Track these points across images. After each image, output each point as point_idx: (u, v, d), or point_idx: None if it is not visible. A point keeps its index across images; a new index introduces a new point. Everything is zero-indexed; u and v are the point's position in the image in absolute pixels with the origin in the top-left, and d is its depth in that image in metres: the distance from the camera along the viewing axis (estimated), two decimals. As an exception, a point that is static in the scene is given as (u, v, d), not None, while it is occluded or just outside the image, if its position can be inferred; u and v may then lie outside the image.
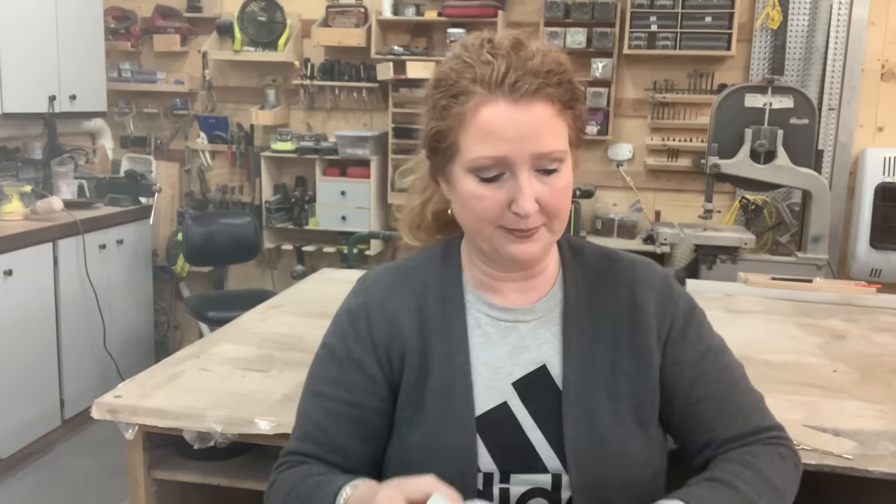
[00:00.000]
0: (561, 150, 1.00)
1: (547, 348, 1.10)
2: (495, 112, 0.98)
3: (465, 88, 0.99)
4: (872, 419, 1.54)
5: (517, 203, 0.98)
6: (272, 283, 4.53)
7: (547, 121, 0.99)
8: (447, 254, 1.16)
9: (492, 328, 1.11)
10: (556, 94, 0.99)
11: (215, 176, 4.60)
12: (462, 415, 1.05)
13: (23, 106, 3.68)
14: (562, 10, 3.87)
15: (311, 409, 1.12)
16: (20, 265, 3.30)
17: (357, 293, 1.16)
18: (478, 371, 1.08)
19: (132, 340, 4.10)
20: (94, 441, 3.58)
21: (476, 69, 0.99)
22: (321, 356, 1.15)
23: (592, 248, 1.19)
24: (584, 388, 1.07)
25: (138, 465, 1.62)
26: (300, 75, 4.28)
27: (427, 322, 1.10)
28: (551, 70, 0.99)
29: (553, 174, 1.00)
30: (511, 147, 0.97)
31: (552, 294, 1.13)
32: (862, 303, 2.44)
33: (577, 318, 1.11)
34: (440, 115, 1.02)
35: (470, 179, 1.01)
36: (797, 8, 3.80)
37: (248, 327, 2.08)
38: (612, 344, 1.10)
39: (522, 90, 0.97)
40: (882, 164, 3.73)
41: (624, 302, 1.12)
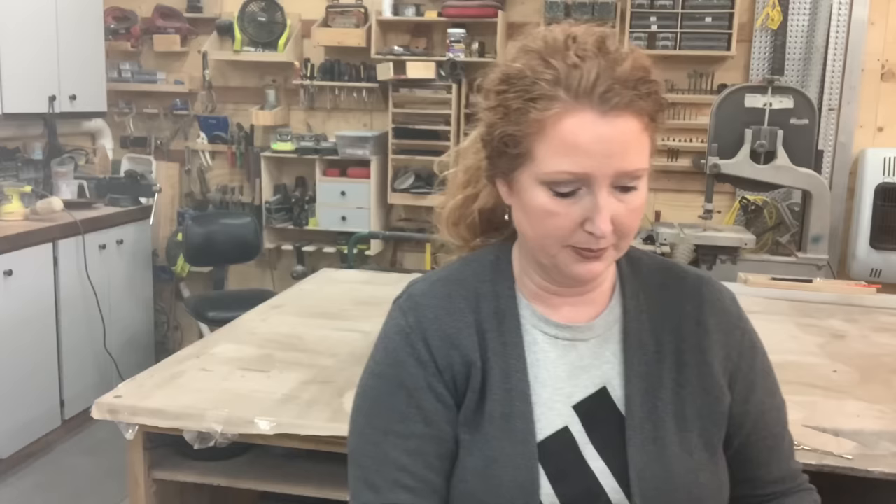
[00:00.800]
0: (644, 168, 0.91)
1: (607, 368, 1.01)
2: (581, 124, 0.87)
3: (547, 93, 0.88)
4: (872, 419, 1.54)
5: (593, 223, 0.90)
6: (272, 284, 4.53)
7: (634, 136, 0.89)
8: (498, 263, 1.05)
9: (549, 346, 1.01)
10: (646, 107, 0.90)
11: (215, 176, 4.60)
12: (522, 441, 0.96)
13: (23, 106, 3.68)
14: (562, 10, 3.87)
15: (388, 452, 0.97)
16: (20, 265, 3.30)
17: (406, 311, 1.03)
18: (536, 393, 0.99)
19: (132, 340, 4.10)
20: (94, 441, 3.58)
21: (560, 71, 0.88)
22: (376, 388, 1.02)
23: (651, 259, 1.09)
24: (648, 412, 0.98)
25: (138, 465, 1.62)
26: (300, 75, 4.27)
27: (484, 337, 1.00)
28: (641, 78, 0.89)
29: (631, 192, 0.91)
30: (595, 164, 0.88)
31: (610, 309, 1.03)
32: (862, 303, 2.44)
33: (638, 335, 1.02)
34: (514, 118, 0.91)
35: (542, 192, 0.91)
36: (797, 8, 3.80)
37: (248, 327, 2.08)
38: (676, 364, 1.01)
39: (612, 102, 0.87)
40: (882, 164, 3.73)
41: (689, 319, 1.03)
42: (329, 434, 1.48)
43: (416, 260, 4.41)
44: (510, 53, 0.95)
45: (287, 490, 1.64)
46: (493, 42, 4.03)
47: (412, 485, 0.96)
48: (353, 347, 1.94)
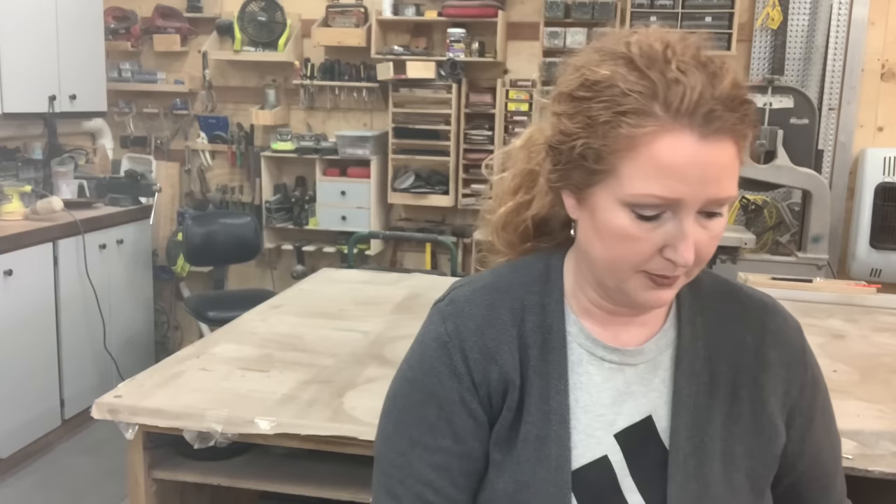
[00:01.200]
0: (733, 194, 0.84)
1: (654, 396, 0.94)
2: (678, 146, 0.79)
3: (642, 108, 0.80)
4: (872, 419, 1.54)
5: (675, 250, 0.83)
6: (272, 283, 4.53)
7: (730, 161, 0.82)
8: (548, 273, 0.98)
9: (594, 368, 0.94)
10: (745, 132, 0.82)
11: (215, 176, 4.60)
12: (556, 468, 0.90)
13: (23, 106, 3.68)
14: (562, 10, 3.87)
15: (414, 465, 0.93)
16: (20, 265, 3.30)
17: (446, 318, 0.96)
18: (576, 417, 0.92)
19: (132, 340, 4.10)
20: (94, 441, 3.58)
21: (658, 85, 0.80)
22: (408, 395, 0.96)
23: (713, 280, 1.01)
24: (694, 447, 0.91)
25: (138, 465, 1.62)
26: (300, 75, 4.27)
27: (526, 353, 0.93)
28: (742, 99, 0.81)
29: (715, 218, 0.85)
30: (688, 190, 0.80)
31: (663, 333, 0.96)
32: (862, 303, 2.44)
33: (690, 363, 0.94)
34: (599, 131, 0.82)
35: (623, 214, 0.83)
36: (797, 8, 3.80)
37: (248, 327, 2.08)
38: (729, 398, 0.94)
39: (716, 125, 0.79)
40: (882, 164, 3.73)
41: (748, 350, 0.96)
42: (329, 434, 1.48)
43: (416, 260, 4.41)
44: (589, 56, 0.86)
45: (287, 490, 1.64)
46: (493, 42, 4.03)
47: (434, 501, 0.93)
48: (353, 347, 1.94)
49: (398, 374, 0.99)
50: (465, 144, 4.11)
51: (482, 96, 4.11)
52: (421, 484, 0.93)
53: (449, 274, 3.51)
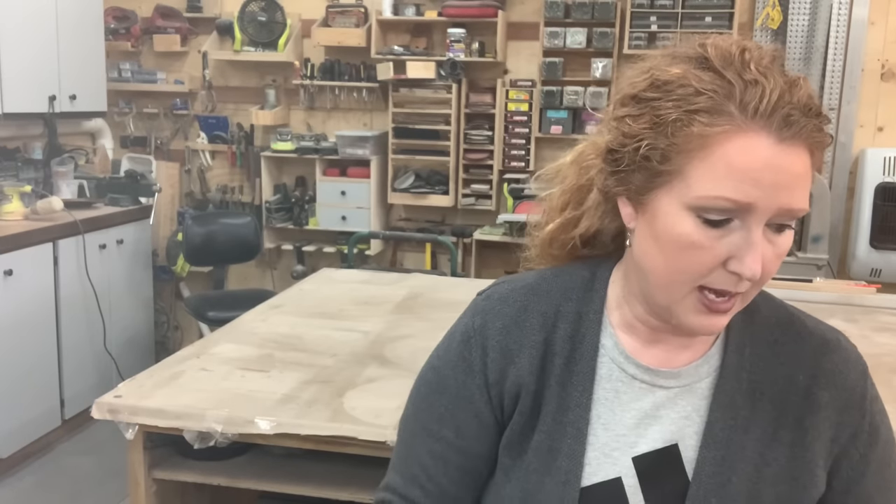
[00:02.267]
0: (805, 207, 0.79)
1: (684, 424, 0.88)
2: (754, 147, 0.76)
3: (717, 107, 0.77)
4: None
5: (741, 261, 0.78)
6: (272, 283, 4.53)
7: (804, 172, 0.78)
8: (592, 282, 0.94)
9: (623, 385, 0.90)
10: (821, 142, 0.79)
11: (215, 176, 4.60)
12: (565, 482, 0.87)
13: (23, 106, 3.68)
14: (562, 10, 3.87)
15: (417, 447, 0.96)
16: (20, 265, 3.30)
17: (479, 313, 0.96)
18: (595, 433, 0.89)
19: (132, 340, 4.10)
20: (94, 441, 3.58)
21: (735, 85, 0.77)
22: (429, 381, 0.98)
23: (771, 308, 0.94)
24: (719, 485, 0.85)
25: (138, 465, 1.62)
26: (300, 75, 4.28)
27: (550, 361, 0.91)
28: (820, 112, 0.79)
29: (784, 232, 0.80)
30: (762, 196, 0.76)
31: (706, 359, 0.90)
32: (862, 303, 2.44)
33: (730, 395, 0.88)
34: (666, 129, 0.78)
35: (688, 219, 0.79)
36: (797, 8, 3.80)
37: (248, 327, 2.08)
38: (767, 437, 0.87)
39: (793, 130, 0.76)
40: (882, 164, 3.73)
41: (798, 389, 0.89)
42: (329, 434, 1.48)
43: (416, 260, 4.41)
44: (658, 59, 0.83)
45: (287, 490, 1.64)
46: (493, 42, 4.03)
47: (427, 486, 0.95)
48: (353, 347, 1.94)
49: (428, 359, 1.00)
50: (465, 144, 4.11)
51: (482, 96, 4.11)
52: (418, 466, 0.95)
53: (449, 274, 3.51)
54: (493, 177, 4.11)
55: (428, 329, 2.10)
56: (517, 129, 4.08)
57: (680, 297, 0.82)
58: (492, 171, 4.11)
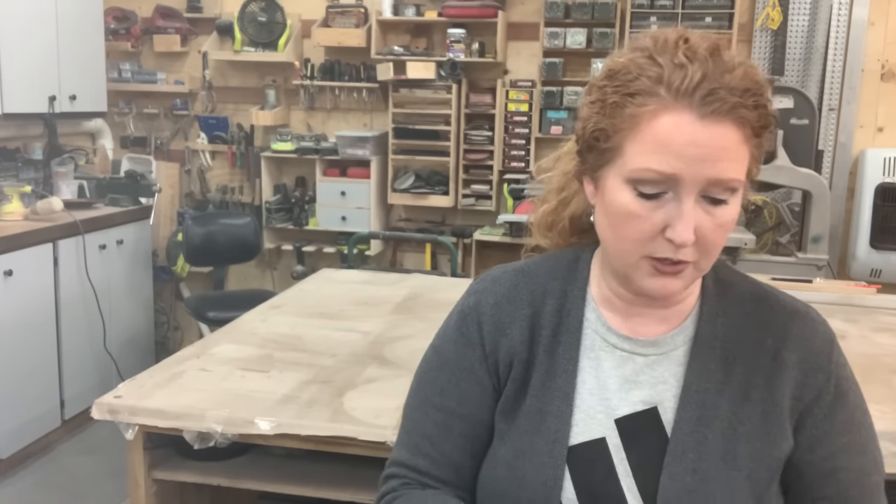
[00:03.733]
0: (738, 179, 0.86)
1: (663, 388, 0.96)
2: (677, 122, 0.84)
3: (647, 89, 0.85)
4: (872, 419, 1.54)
5: (673, 229, 0.85)
6: (272, 284, 4.53)
7: (732, 145, 0.85)
8: (576, 263, 1.04)
9: (605, 354, 0.98)
10: (749, 118, 0.85)
11: (215, 176, 4.60)
12: (554, 440, 0.95)
13: (23, 106, 3.68)
14: (562, 10, 3.87)
15: (421, 419, 1.03)
16: (20, 265, 3.30)
17: (472, 293, 1.06)
18: (581, 397, 0.97)
19: (132, 340, 4.10)
20: (94, 441, 3.58)
21: (664, 69, 0.85)
22: (430, 360, 1.06)
23: (746, 284, 1.02)
24: (695, 442, 0.93)
25: (138, 465, 1.62)
26: (300, 75, 4.28)
27: (539, 333, 1.00)
28: (749, 89, 0.85)
29: (720, 205, 0.87)
30: (684, 167, 0.84)
31: (682, 328, 0.98)
32: (862, 303, 2.44)
33: (704, 360, 0.96)
34: (610, 111, 0.88)
35: (626, 191, 0.88)
36: (797, 8, 3.80)
37: (248, 327, 2.08)
38: (739, 398, 0.94)
39: (713, 106, 0.83)
40: (882, 165, 3.73)
41: (767, 352, 0.96)
42: (329, 434, 1.48)
43: (416, 260, 4.41)
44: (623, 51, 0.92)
45: (287, 490, 1.64)
46: (493, 42, 4.03)
47: (432, 454, 1.01)
48: (353, 347, 1.94)
49: (429, 344, 1.08)
50: (465, 145, 4.11)
51: (482, 96, 4.11)
52: (423, 437, 1.02)
53: (449, 274, 3.51)
54: (493, 177, 4.11)
55: (428, 329, 2.09)
56: (517, 129, 4.08)
57: (632, 263, 0.91)
58: (492, 172, 4.11)
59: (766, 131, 0.89)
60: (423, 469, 1.01)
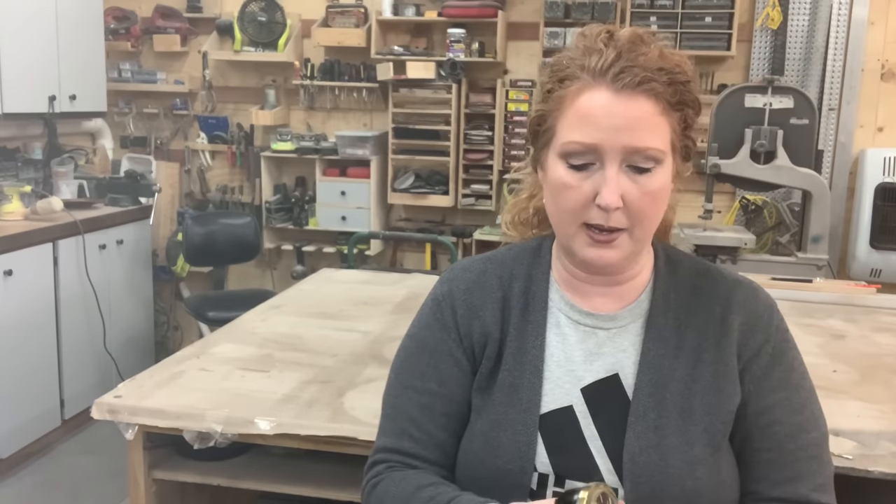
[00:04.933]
0: (656, 148, 0.96)
1: (622, 357, 1.05)
2: (594, 99, 0.95)
3: (572, 74, 0.97)
4: (872, 419, 1.54)
5: (601, 195, 0.94)
6: (272, 283, 4.53)
7: (647, 117, 0.95)
8: (539, 250, 1.13)
9: (570, 329, 1.07)
10: (663, 92, 0.95)
11: (215, 176, 4.60)
12: (526, 410, 1.03)
13: (23, 106, 3.68)
14: (562, 10, 3.87)
15: (404, 404, 1.08)
16: (20, 265, 3.30)
17: (443, 282, 1.14)
18: (549, 369, 1.05)
19: (132, 340, 4.10)
20: (94, 441, 3.58)
21: (587, 57, 0.97)
22: (407, 348, 1.13)
23: (692, 262, 1.12)
24: (655, 402, 1.01)
25: (138, 465, 1.62)
26: (300, 75, 4.28)
27: (508, 313, 1.08)
28: (663, 68, 0.96)
29: (645, 174, 0.96)
30: (604, 136, 0.94)
31: (638, 303, 1.07)
32: (862, 303, 2.44)
33: (659, 330, 1.05)
34: (544, 98, 1.01)
35: (560, 165, 0.98)
36: (797, 8, 3.80)
37: (248, 327, 2.08)
38: (693, 361, 1.04)
39: (625, 81, 0.94)
40: (882, 164, 3.73)
41: (714, 317, 1.05)
42: (329, 434, 1.48)
43: (416, 260, 4.41)
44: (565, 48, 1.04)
45: (287, 490, 1.64)
46: (493, 42, 4.03)
47: (417, 435, 1.06)
48: (353, 347, 1.94)
49: (405, 335, 1.14)
50: (465, 145, 4.11)
51: (482, 96, 4.11)
52: (406, 420, 1.07)
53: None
54: (493, 177, 4.11)
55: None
56: (517, 129, 4.08)
57: (572, 233, 0.99)
58: (492, 172, 4.11)
59: (686, 108, 0.99)
60: (409, 451, 1.06)
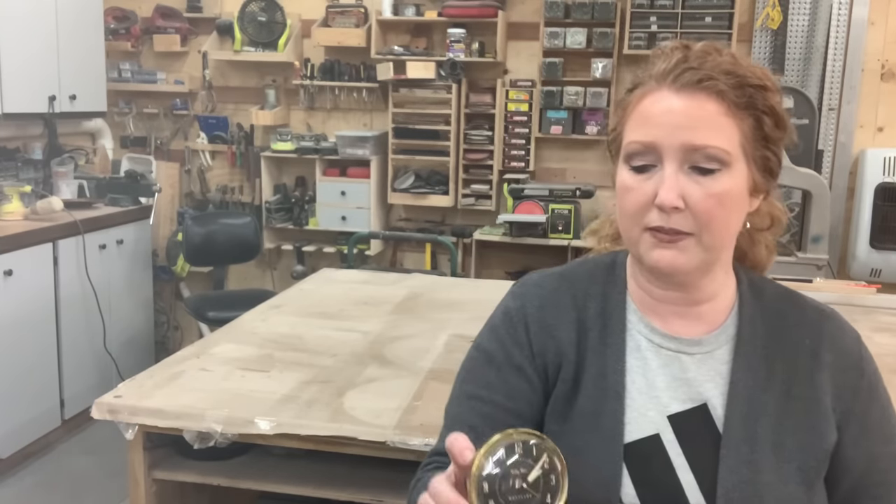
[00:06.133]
0: (718, 147, 0.92)
1: (710, 386, 1.00)
2: (658, 99, 0.95)
3: (640, 82, 0.98)
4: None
5: (659, 194, 0.92)
6: (272, 283, 4.53)
7: (709, 115, 0.92)
8: (613, 267, 1.08)
9: (651, 353, 1.02)
10: (727, 92, 0.93)
11: (215, 176, 4.60)
12: (609, 438, 0.97)
13: (23, 106, 3.68)
14: (562, 10, 3.87)
15: (466, 413, 1.03)
16: (20, 265, 3.30)
17: (515, 296, 1.09)
18: (632, 396, 1.00)
19: (132, 340, 4.10)
20: (94, 441, 3.58)
21: (655, 65, 0.97)
22: (475, 358, 1.08)
23: (775, 287, 1.08)
24: (747, 435, 0.96)
25: (138, 465, 1.62)
26: (300, 75, 4.28)
27: (585, 336, 1.03)
28: (731, 72, 0.93)
29: (710, 175, 0.92)
30: (662, 134, 0.93)
31: (724, 329, 1.02)
32: (862, 303, 2.44)
33: (749, 358, 1.00)
34: (617, 109, 1.02)
35: (624, 170, 0.97)
36: (797, 8, 3.80)
37: (248, 327, 2.08)
38: (783, 394, 0.99)
39: (685, 80, 0.93)
40: (882, 164, 3.73)
41: (805, 352, 1.01)
42: (329, 434, 1.48)
43: (416, 260, 4.41)
44: None
45: (287, 490, 1.64)
46: (493, 42, 4.03)
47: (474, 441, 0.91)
48: (353, 347, 1.94)
49: (472, 346, 1.10)
50: (465, 145, 4.11)
51: (482, 96, 4.11)
52: (465, 428, 0.94)
53: (449, 274, 3.51)
54: (493, 177, 4.11)
55: (428, 329, 2.10)
56: (517, 129, 4.08)
57: (636, 238, 0.96)
58: (492, 172, 4.11)
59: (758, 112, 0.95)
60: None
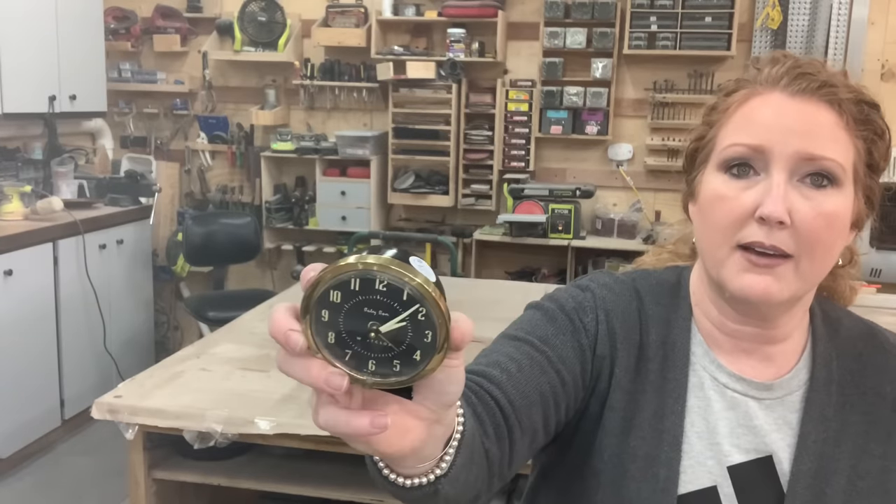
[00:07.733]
0: (835, 160, 0.80)
1: (777, 437, 0.88)
2: (768, 101, 0.83)
3: (740, 85, 0.87)
4: None
5: (763, 204, 0.79)
6: (272, 283, 4.53)
7: (824, 122, 0.82)
8: (677, 289, 0.95)
9: (715, 394, 0.90)
10: (847, 105, 0.83)
11: (215, 176, 4.60)
12: (663, 490, 0.87)
13: (23, 106, 3.68)
14: (562, 10, 3.87)
15: (508, 346, 0.87)
16: (20, 265, 3.30)
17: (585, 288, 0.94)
18: (689, 441, 0.88)
19: (132, 340, 4.10)
20: (94, 441, 3.58)
21: (759, 71, 0.87)
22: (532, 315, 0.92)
23: (854, 321, 0.97)
24: (813, 496, 0.86)
25: (138, 465, 1.62)
26: (300, 75, 4.28)
27: (644, 366, 0.90)
28: (848, 86, 0.85)
29: (822, 190, 0.81)
30: (773, 137, 0.81)
31: (796, 372, 0.90)
32: (862, 303, 2.43)
33: (821, 408, 0.89)
34: (706, 117, 0.90)
35: (718, 177, 0.84)
36: (797, 8, 3.80)
37: (248, 327, 2.08)
38: (859, 450, 0.88)
39: (801, 85, 0.82)
40: (882, 164, 3.73)
41: (886, 402, 0.90)
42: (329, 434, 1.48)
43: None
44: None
45: (287, 490, 1.64)
46: (493, 42, 4.03)
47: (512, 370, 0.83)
48: (353, 347, 1.94)
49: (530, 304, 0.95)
50: (465, 144, 4.11)
51: (482, 96, 4.11)
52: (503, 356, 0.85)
53: (449, 274, 3.51)
54: (493, 177, 4.11)
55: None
56: (517, 129, 4.08)
57: (723, 258, 0.83)
58: (492, 171, 4.11)
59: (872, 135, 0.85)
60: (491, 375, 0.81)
